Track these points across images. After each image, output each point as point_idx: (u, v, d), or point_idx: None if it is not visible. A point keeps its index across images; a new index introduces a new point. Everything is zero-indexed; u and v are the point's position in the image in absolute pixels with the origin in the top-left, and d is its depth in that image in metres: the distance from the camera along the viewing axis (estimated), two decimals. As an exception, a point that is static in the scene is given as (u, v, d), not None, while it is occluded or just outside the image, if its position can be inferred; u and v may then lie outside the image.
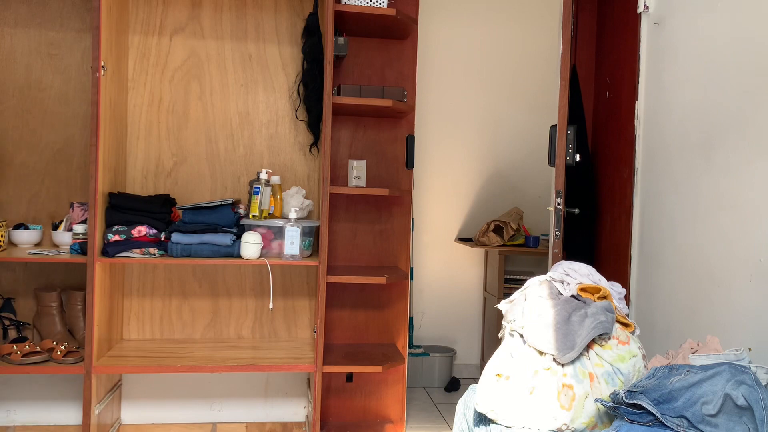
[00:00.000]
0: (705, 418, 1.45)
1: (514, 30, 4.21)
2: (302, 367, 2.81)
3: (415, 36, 3.16)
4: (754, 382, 1.47)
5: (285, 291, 3.20)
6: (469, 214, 4.21)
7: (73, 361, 2.67)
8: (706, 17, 2.32)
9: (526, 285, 2.08)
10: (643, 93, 2.78)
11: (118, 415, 3.10)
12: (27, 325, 2.98)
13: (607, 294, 1.99)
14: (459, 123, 4.17)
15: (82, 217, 2.85)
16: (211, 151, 3.14)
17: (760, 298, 1.99)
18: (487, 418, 1.82)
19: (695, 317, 2.32)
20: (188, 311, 3.14)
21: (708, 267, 2.25)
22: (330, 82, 2.80)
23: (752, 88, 2.06)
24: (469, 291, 4.23)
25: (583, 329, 1.79)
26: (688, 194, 2.39)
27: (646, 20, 2.77)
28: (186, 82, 3.11)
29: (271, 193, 2.90)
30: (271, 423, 3.22)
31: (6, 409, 3.02)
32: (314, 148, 3.19)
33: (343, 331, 3.24)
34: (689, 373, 1.54)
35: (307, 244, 2.93)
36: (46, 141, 3.00)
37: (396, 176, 3.25)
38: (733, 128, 2.14)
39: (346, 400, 3.24)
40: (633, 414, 1.55)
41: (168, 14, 3.08)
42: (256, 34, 3.14)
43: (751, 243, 2.03)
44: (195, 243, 2.74)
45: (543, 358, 1.81)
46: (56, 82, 3.00)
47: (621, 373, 1.79)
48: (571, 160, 2.74)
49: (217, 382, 3.19)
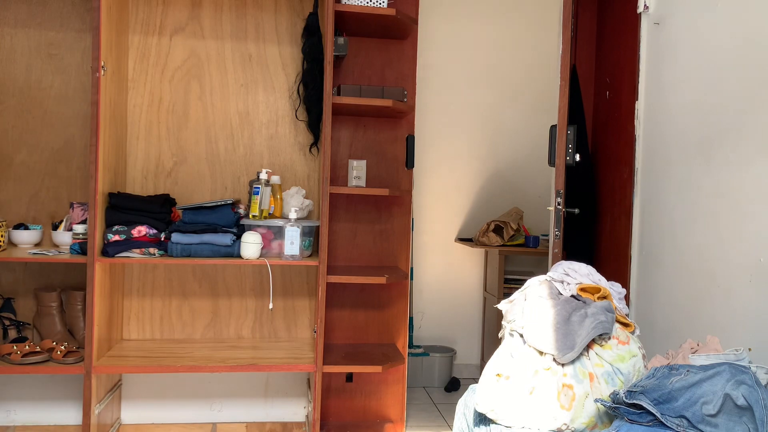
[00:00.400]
0: (705, 418, 1.45)
1: (514, 30, 4.21)
2: (302, 367, 2.81)
3: (415, 36, 3.16)
4: (754, 382, 1.47)
5: (285, 291, 3.20)
6: (469, 214, 4.21)
7: (73, 361, 2.67)
8: (706, 17, 2.32)
9: (526, 285, 2.08)
10: (643, 93, 2.78)
11: (118, 415, 3.10)
12: (27, 325, 2.98)
13: (607, 294, 1.99)
14: (459, 123, 4.17)
15: (82, 217, 2.86)
16: (211, 151, 3.14)
17: (760, 298, 1.99)
18: (487, 418, 1.82)
19: (695, 317, 2.32)
20: (188, 311, 3.14)
21: (708, 267, 2.25)
22: (330, 82, 2.80)
23: (752, 88, 2.06)
24: (469, 291, 4.23)
25: (583, 329, 1.79)
26: (688, 194, 2.39)
27: (646, 20, 2.77)
28: (186, 82, 3.11)
29: (271, 193, 2.90)
30: (271, 423, 3.22)
31: (6, 409, 3.02)
32: (314, 148, 3.19)
33: (343, 331, 3.24)
34: (689, 373, 1.54)
35: (307, 244, 2.93)
36: (46, 141, 3.00)
37: (396, 176, 3.25)
38: (733, 128, 2.14)
39: (346, 400, 3.24)
40: (633, 414, 1.55)
41: (168, 14, 3.08)
42: (256, 34, 3.14)
43: (751, 243, 2.03)
44: (195, 243, 2.74)
45: (543, 358, 1.81)
46: (56, 82, 3.00)
47: (621, 373, 1.79)
48: (571, 160, 2.74)
49: (217, 382, 3.19)
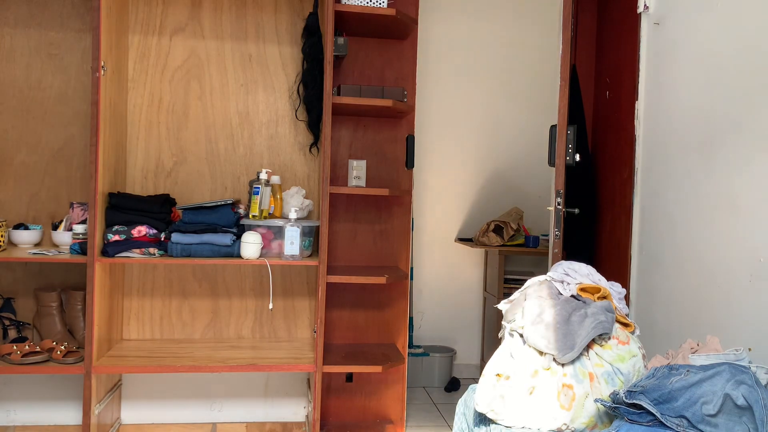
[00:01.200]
0: (705, 418, 1.45)
1: (515, 30, 4.21)
2: (302, 367, 2.81)
3: (415, 36, 3.16)
4: (754, 382, 1.47)
5: (285, 291, 3.20)
6: (469, 214, 4.21)
7: (73, 361, 2.67)
8: (706, 17, 2.32)
9: (526, 285, 2.08)
10: (643, 93, 2.78)
11: (118, 415, 3.10)
12: (27, 325, 2.98)
13: (607, 294, 1.99)
14: (459, 123, 4.17)
15: (82, 217, 2.85)
16: (211, 151, 3.14)
17: (760, 298, 1.99)
18: (487, 418, 1.82)
19: (695, 317, 2.32)
20: (188, 311, 3.14)
21: (708, 267, 2.25)
22: (330, 82, 2.80)
23: (752, 88, 2.06)
24: (469, 291, 4.23)
25: (583, 329, 1.79)
26: (688, 194, 2.39)
27: (646, 20, 2.77)
28: (186, 82, 3.11)
29: (271, 193, 2.90)
30: (271, 423, 3.22)
31: (6, 409, 3.02)
32: (314, 148, 3.19)
33: (343, 331, 3.24)
34: (689, 373, 1.54)
35: (307, 244, 2.93)
36: (46, 141, 3.00)
37: (396, 176, 3.25)
38: (732, 128, 2.14)
39: (346, 400, 3.24)
40: (633, 414, 1.55)
41: (168, 14, 3.07)
42: (256, 34, 3.14)
43: (751, 243, 2.03)
44: (195, 243, 2.74)
45: (543, 358, 1.81)
46: (56, 82, 3.00)
47: (621, 373, 1.79)
48: (571, 160, 2.74)
49: (217, 382, 3.19)
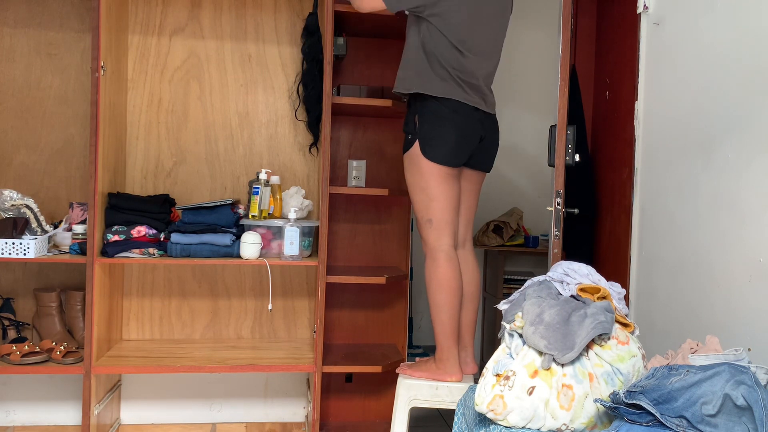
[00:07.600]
0: (704, 419, 1.45)
1: (514, 29, 4.19)
2: (302, 367, 2.81)
3: (415, 36, 3.15)
4: (753, 382, 1.47)
5: (284, 291, 3.20)
6: (469, 214, 4.20)
7: (73, 361, 2.67)
8: (706, 17, 2.32)
9: (525, 285, 2.08)
10: (643, 93, 2.78)
11: (118, 415, 3.10)
12: (26, 325, 2.97)
13: (606, 294, 1.98)
14: (459, 123, 4.16)
15: (81, 218, 2.85)
16: (210, 151, 3.13)
17: (760, 299, 1.99)
18: (486, 418, 1.82)
19: (695, 317, 2.32)
20: (188, 311, 3.14)
21: (708, 267, 2.25)
22: (330, 82, 2.79)
23: (752, 89, 2.06)
24: (469, 291, 4.22)
25: (583, 329, 1.79)
26: (688, 194, 2.39)
27: (646, 20, 2.77)
28: (185, 82, 3.10)
29: (270, 193, 2.90)
30: (271, 423, 3.22)
31: (5, 409, 3.02)
32: (314, 149, 3.18)
33: (342, 331, 3.24)
34: (689, 374, 1.54)
35: (307, 244, 2.93)
36: (45, 141, 3.00)
37: (396, 176, 3.25)
38: (732, 128, 2.14)
39: (346, 400, 3.24)
40: (632, 414, 1.55)
41: (168, 14, 3.07)
42: (255, 35, 3.14)
43: (751, 243, 2.03)
44: (194, 243, 2.73)
45: (543, 359, 1.80)
46: (56, 82, 3.00)
47: (621, 373, 1.79)
48: (571, 160, 2.75)
49: (216, 382, 3.19)
